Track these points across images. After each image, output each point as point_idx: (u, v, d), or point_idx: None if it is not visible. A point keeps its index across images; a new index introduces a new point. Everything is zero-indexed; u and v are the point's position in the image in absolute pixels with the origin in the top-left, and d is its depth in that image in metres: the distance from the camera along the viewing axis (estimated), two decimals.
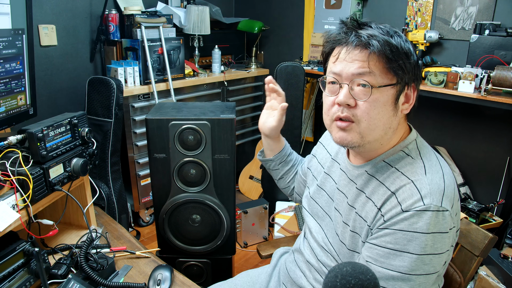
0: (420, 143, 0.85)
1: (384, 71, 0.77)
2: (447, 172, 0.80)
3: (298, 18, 2.88)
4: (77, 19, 2.28)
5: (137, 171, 2.36)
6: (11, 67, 1.21)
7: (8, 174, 0.97)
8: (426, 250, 0.74)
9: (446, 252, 0.76)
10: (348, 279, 0.61)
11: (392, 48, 0.76)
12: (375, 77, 0.77)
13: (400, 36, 0.79)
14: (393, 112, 0.80)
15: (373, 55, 0.76)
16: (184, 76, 2.51)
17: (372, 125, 0.79)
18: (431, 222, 0.73)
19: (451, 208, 0.75)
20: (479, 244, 0.98)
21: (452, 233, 0.76)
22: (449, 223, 0.75)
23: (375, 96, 0.77)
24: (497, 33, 1.92)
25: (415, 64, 0.80)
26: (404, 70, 0.77)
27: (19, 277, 0.97)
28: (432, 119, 2.45)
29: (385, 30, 0.79)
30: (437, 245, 0.74)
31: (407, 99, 0.81)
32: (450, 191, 0.77)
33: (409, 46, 0.79)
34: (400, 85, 0.79)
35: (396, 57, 0.76)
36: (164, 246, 1.41)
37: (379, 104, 0.78)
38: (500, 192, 2.15)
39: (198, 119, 1.23)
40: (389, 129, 0.81)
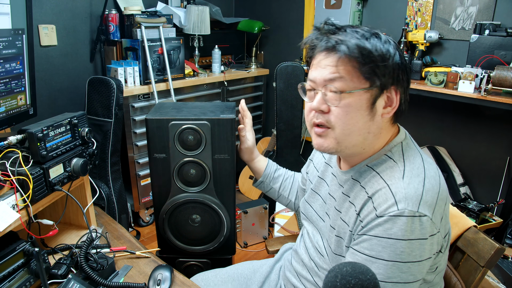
0: (406, 145, 0.82)
1: (356, 75, 0.75)
2: (431, 175, 0.77)
3: (298, 18, 2.88)
4: (77, 19, 2.28)
5: (137, 171, 2.36)
6: (11, 67, 1.21)
7: (8, 174, 0.97)
8: (402, 257, 0.71)
9: (428, 260, 0.73)
10: (348, 279, 0.61)
11: (362, 52, 0.74)
12: (346, 82, 0.76)
13: (379, 38, 0.77)
14: (369, 117, 0.77)
15: (343, 59, 0.75)
16: (184, 76, 2.51)
17: (347, 130, 0.78)
18: (407, 228, 0.70)
19: (431, 214, 0.72)
20: (485, 254, 0.94)
21: (434, 239, 0.73)
22: (429, 229, 0.71)
23: (347, 101, 0.76)
24: (497, 33, 1.92)
25: (397, 66, 0.76)
26: (378, 74, 0.75)
27: (19, 277, 0.97)
28: (432, 119, 2.45)
29: (361, 33, 0.76)
30: (415, 252, 0.71)
31: (390, 103, 0.79)
32: (431, 195, 0.73)
33: (388, 48, 0.76)
34: (376, 89, 0.76)
35: (367, 60, 0.74)
36: (164, 246, 1.41)
37: (352, 109, 0.76)
38: (500, 192, 2.15)
39: (198, 119, 1.23)
40: (368, 134, 0.79)
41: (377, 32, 0.78)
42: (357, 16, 2.58)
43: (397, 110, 0.80)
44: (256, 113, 3.10)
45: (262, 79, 3.08)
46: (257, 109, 3.11)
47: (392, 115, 0.80)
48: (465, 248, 1.00)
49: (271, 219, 2.42)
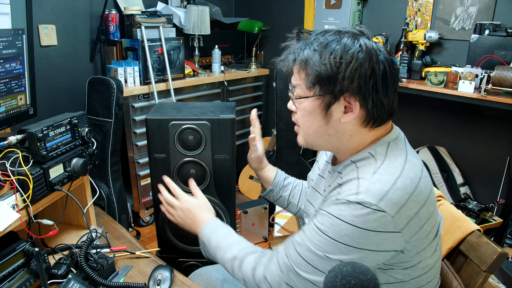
0: (394, 145, 0.83)
1: (305, 83, 0.82)
2: (408, 176, 0.76)
3: (298, 18, 2.88)
4: (77, 19, 2.28)
5: (137, 171, 2.36)
6: (11, 67, 1.21)
7: (8, 174, 0.97)
8: (345, 240, 0.74)
9: (374, 252, 0.74)
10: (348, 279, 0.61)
11: (308, 63, 0.79)
12: (301, 89, 0.83)
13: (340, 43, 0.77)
14: (324, 121, 0.83)
15: (298, 68, 0.83)
16: (184, 76, 2.51)
17: (305, 131, 0.87)
18: (358, 215, 0.72)
19: (394, 212, 0.72)
20: (487, 259, 0.92)
21: (388, 236, 0.73)
22: (383, 225, 0.72)
23: (303, 105, 0.84)
24: (497, 33, 1.92)
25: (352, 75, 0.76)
26: (321, 84, 0.79)
27: (19, 277, 0.97)
28: (432, 119, 2.45)
29: (319, 42, 0.79)
30: (360, 240, 0.73)
31: (350, 109, 0.80)
32: (400, 194, 0.73)
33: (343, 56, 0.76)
34: (328, 96, 0.80)
35: (311, 71, 0.79)
36: (164, 246, 1.40)
37: (306, 113, 0.84)
38: (500, 192, 2.15)
39: (198, 119, 1.23)
40: (328, 136, 0.85)
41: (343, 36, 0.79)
42: (357, 16, 2.58)
43: (367, 115, 0.81)
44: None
45: (262, 79, 3.08)
46: (257, 109, 3.11)
47: (363, 120, 0.81)
48: (468, 252, 0.99)
49: (271, 219, 2.43)
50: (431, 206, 0.78)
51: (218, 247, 0.97)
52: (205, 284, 1.15)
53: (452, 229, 1.05)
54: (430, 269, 0.83)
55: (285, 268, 0.81)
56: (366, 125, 0.82)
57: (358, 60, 0.76)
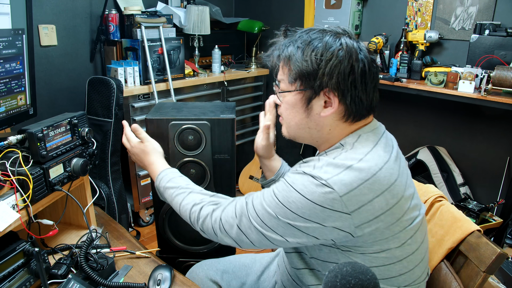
0: (365, 137, 0.85)
1: (287, 79, 0.87)
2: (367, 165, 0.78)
3: (298, 18, 2.88)
4: (77, 19, 2.28)
5: (137, 171, 2.36)
6: (11, 67, 1.21)
7: (8, 174, 0.97)
8: (291, 206, 0.78)
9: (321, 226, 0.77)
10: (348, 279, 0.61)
11: (290, 59, 0.84)
12: (284, 83, 0.88)
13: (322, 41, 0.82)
14: (305, 114, 0.87)
15: (282, 64, 0.88)
16: (184, 76, 2.51)
17: (287, 123, 0.92)
18: (307, 186, 0.77)
19: (343, 193, 0.74)
20: (486, 259, 0.92)
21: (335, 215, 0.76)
22: (330, 202, 0.75)
23: (286, 99, 0.89)
24: (497, 33, 1.92)
25: (331, 72, 0.80)
26: (302, 79, 0.83)
27: (19, 277, 0.97)
28: (432, 119, 2.45)
29: (303, 40, 0.84)
30: (305, 211, 0.77)
31: (329, 104, 0.84)
32: (353, 178, 0.76)
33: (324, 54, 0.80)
34: (309, 91, 0.84)
35: (292, 67, 0.84)
36: (164, 246, 1.41)
37: (289, 106, 0.89)
38: (500, 192, 2.15)
39: (198, 119, 1.23)
40: (308, 129, 0.89)
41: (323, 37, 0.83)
42: (357, 16, 2.58)
43: (346, 110, 0.84)
44: (256, 113, 3.09)
45: (262, 79, 3.08)
46: (257, 109, 3.11)
47: (343, 114, 0.85)
48: (467, 252, 0.98)
49: None
50: (392, 198, 0.79)
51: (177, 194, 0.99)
52: (206, 275, 1.17)
53: (453, 229, 1.05)
54: (400, 261, 0.84)
55: (239, 212, 0.86)
56: (346, 120, 0.86)
57: (338, 58, 0.80)
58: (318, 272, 0.93)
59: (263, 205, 0.83)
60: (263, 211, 0.82)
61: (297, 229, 0.79)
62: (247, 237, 0.85)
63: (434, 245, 1.08)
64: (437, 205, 1.14)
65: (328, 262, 0.88)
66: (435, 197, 1.15)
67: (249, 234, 0.85)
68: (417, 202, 0.86)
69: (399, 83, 2.15)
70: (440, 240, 1.06)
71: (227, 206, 0.90)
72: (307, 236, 0.80)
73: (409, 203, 0.83)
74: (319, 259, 0.90)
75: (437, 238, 1.08)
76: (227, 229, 0.87)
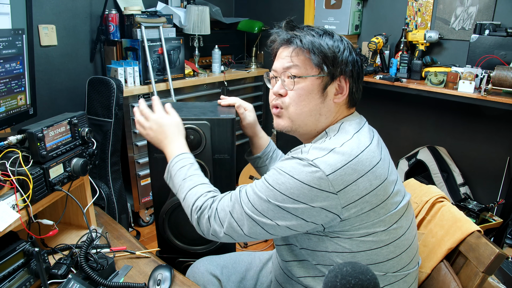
0: (347, 124, 0.91)
1: (308, 64, 0.90)
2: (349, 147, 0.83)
3: (298, 18, 2.88)
4: (77, 19, 2.28)
5: (137, 171, 2.36)
6: (11, 67, 1.21)
7: (8, 174, 0.97)
8: (281, 188, 0.82)
9: (309, 207, 0.80)
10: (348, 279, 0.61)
11: (314, 44, 0.88)
12: (299, 69, 0.90)
13: (330, 36, 0.91)
14: (320, 100, 0.91)
15: (297, 51, 0.91)
16: (184, 76, 2.51)
17: (299, 110, 0.92)
18: (295, 167, 0.81)
19: (329, 172, 0.78)
20: (485, 259, 0.92)
21: (322, 195, 0.79)
22: (317, 181, 0.79)
23: (301, 85, 0.90)
24: (497, 33, 1.92)
25: (345, 60, 0.90)
26: (327, 63, 0.89)
27: (19, 277, 0.97)
28: (432, 119, 2.45)
29: (315, 31, 0.91)
30: (294, 191, 0.80)
31: (341, 90, 0.92)
32: (337, 159, 0.80)
33: (338, 45, 0.90)
34: (327, 77, 0.90)
35: (317, 52, 0.88)
36: (164, 246, 1.40)
37: (305, 92, 0.90)
38: (500, 192, 2.15)
39: (198, 119, 1.23)
40: (319, 116, 0.92)
41: (331, 32, 0.93)
42: (357, 16, 2.58)
43: (350, 97, 0.93)
44: (256, 113, 3.09)
45: (262, 79, 3.08)
46: (257, 109, 3.11)
47: (347, 101, 0.94)
48: (467, 253, 0.99)
49: None
50: (375, 179, 0.82)
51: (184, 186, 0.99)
52: (206, 269, 1.18)
53: (452, 230, 1.05)
54: (387, 245, 0.87)
55: (233, 200, 0.90)
56: (347, 107, 0.95)
57: (347, 51, 0.91)
58: (307, 262, 0.94)
59: (254, 191, 0.87)
60: (254, 195, 0.86)
61: (287, 211, 0.82)
62: (239, 226, 0.87)
63: (434, 245, 1.08)
64: (438, 206, 1.14)
65: (317, 251, 0.91)
66: (437, 198, 1.15)
67: (241, 221, 0.87)
68: (400, 189, 0.90)
69: (399, 83, 2.15)
70: (440, 241, 1.07)
71: (223, 197, 0.93)
72: (296, 218, 0.82)
73: (393, 187, 0.87)
74: (308, 249, 0.92)
75: (437, 239, 1.08)
76: (221, 217, 0.89)
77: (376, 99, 2.64)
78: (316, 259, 0.92)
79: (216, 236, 0.91)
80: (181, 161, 1.02)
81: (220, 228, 0.89)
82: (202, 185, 0.98)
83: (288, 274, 1.01)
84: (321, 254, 0.90)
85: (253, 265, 1.23)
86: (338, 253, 0.88)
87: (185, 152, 1.05)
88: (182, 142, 1.08)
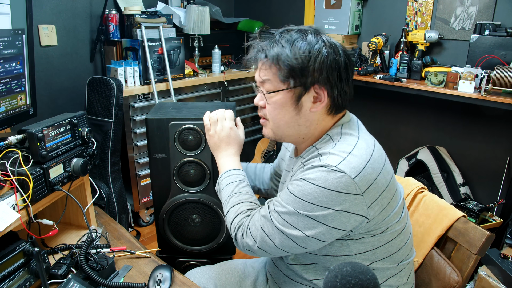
0: (347, 126, 0.91)
1: (276, 78, 0.87)
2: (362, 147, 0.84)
3: (298, 18, 2.88)
4: (77, 19, 2.28)
5: (137, 171, 2.36)
6: (11, 67, 1.21)
7: (8, 174, 0.97)
8: (308, 198, 0.81)
9: (339, 213, 0.80)
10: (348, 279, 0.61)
11: (279, 58, 0.85)
12: (271, 83, 0.89)
13: (305, 40, 0.85)
14: (295, 112, 0.89)
15: (266, 65, 0.88)
16: (184, 76, 2.51)
17: (276, 123, 0.92)
18: (320, 175, 0.80)
19: (354, 175, 0.79)
20: (476, 242, 0.98)
21: (350, 198, 0.79)
22: (344, 186, 0.79)
23: (274, 99, 0.89)
24: (497, 33, 1.92)
25: (320, 67, 0.84)
26: (294, 76, 0.85)
27: (19, 277, 0.97)
28: (432, 119, 2.45)
29: (287, 38, 0.86)
30: (322, 198, 0.80)
31: (319, 99, 0.88)
32: (357, 160, 0.80)
33: (310, 50, 0.84)
34: (299, 88, 0.86)
35: (283, 66, 0.85)
36: (164, 246, 1.41)
37: (278, 106, 0.90)
38: (500, 192, 2.15)
39: (198, 119, 1.23)
40: (298, 126, 0.91)
41: (307, 34, 0.86)
42: (357, 16, 2.58)
43: (332, 103, 0.89)
44: (256, 113, 3.09)
45: None
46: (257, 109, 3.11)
47: (328, 107, 0.90)
48: (456, 237, 1.04)
49: None
50: (387, 175, 0.86)
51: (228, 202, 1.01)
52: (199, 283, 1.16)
53: (439, 217, 1.10)
54: (399, 235, 0.91)
55: (263, 215, 0.90)
56: (330, 113, 0.91)
57: (323, 54, 0.85)
58: (320, 266, 0.94)
59: (282, 204, 0.86)
60: (283, 209, 0.86)
61: (316, 221, 0.82)
62: (271, 240, 0.87)
63: (423, 234, 1.12)
64: (420, 196, 1.19)
65: (339, 256, 0.90)
66: (418, 189, 1.20)
67: (272, 235, 0.87)
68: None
69: (399, 83, 2.15)
70: (428, 229, 1.11)
71: (255, 213, 0.93)
72: (327, 227, 0.82)
73: (395, 179, 0.90)
74: (328, 255, 0.91)
75: (425, 227, 1.12)
76: (253, 232, 0.90)
77: (376, 99, 2.64)
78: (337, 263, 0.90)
79: (251, 251, 0.92)
80: (231, 176, 1.04)
81: (253, 243, 0.90)
82: (245, 203, 0.99)
83: (295, 278, 1.00)
84: (343, 258, 0.90)
85: (247, 274, 1.20)
86: (361, 254, 0.88)
87: (238, 169, 1.07)
88: (237, 159, 1.11)
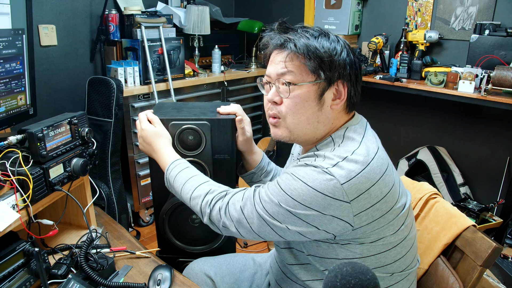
0: (352, 130, 0.89)
1: (304, 70, 0.85)
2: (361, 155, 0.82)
3: (298, 18, 2.88)
4: (77, 19, 2.28)
5: (137, 171, 2.36)
6: (11, 67, 1.21)
7: (8, 174, 0.97)
8: (293, 193, 0.80)
9: (321, 215, 0.79)
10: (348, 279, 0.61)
11: (308, 49, 0.83)
12: (295, 76, 0.85)
13: (327, 37, 0.86)
14: (317, 107, 0.86)
15: (292, 55, 0.85)
16: (184, 76, 2.51)
17: (296, 119, 0.88)
18: (309, 174, 0.79)
19: (343, 181, 0.77)
20: (482, 253, 0.93)
21: (335, 204, 0.78)
22: (333, 192, 0.77)
23: (296, 93, 0.85)
24: (497, 33, 1.92)
25: (343, 62, 0.85)
26: (323, 68, 0.84)
27: (19, 277, 0.97)
28: (432, 119, 2.45)
29: (310, 33, 0.85)
30: (306, 198, 0.79)
31: (338, 95, 0.87)
32: (350, 168, 0.78)
33: (335, 46, 0.85)
34: (323, 82, 0.85)
35: (312, 56, 0.83)
36: (164, 246, 1.40)
37: (301, 100, 0.86)
38: (500, 192, 2.15)
39: (198, 119, 1.23)
40: (317, 124, 0.88)
41: (326, 32, 0.88)
42: (357, 16, 2.58)
43: (348, 101, 0.89)
44: (256, 113, 3.09)
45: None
46: (257, 109, 3.11)
47: (345, 106, 0.89)
48: (464, 247, 1.00)
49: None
50: (385, 187, 0.82)
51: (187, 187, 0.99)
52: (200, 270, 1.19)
53: (448, 225, 1.07)
54: (394, 247, 0.87)
55: (246, 197, 0.89)
56: (346, 112, 0.90)
57: (344, 52, 0.86)
58: (312, 266, 0.94)
59: (267, 193, 0.86)
60: (266, 198, 0.85)
61: (297, 217, 0.81)
62: (248, 223, 0.87)
63: (430, 241, 1.09)
64: (432, 202, 1.16)
65: (326, 258, 0.90)
66: (430, 194, 1.17)
67: (251, 219, 0.86)
68: (403, 189, 0.90)
69: (399, 83, 2.15)
70: (436, 236, 1.08)
71: (237, 192, 0.93)
72: (307, 225, 0.81)
73: (399, 191, 0.86)
74: (316, 256, 0.91)
75: (433, 235, 1.09)
76: (231, 211, 0.89)
77: (376, 99, 2.64)
78: (324, 265, 0.91)
79: (228, 229, 0.91)
80: (177, 166, 1.04)
81: (230, 222, 0.90)
82: (212, 182, 0.99)
83: (291, 277, 1.00)
84: (330, 261, 0.89)
85: (247, 267, 1.22)
86: (349, 260, 0.87)
87: (178, 159, 1.07)
88: (170, 149, 1.10)
